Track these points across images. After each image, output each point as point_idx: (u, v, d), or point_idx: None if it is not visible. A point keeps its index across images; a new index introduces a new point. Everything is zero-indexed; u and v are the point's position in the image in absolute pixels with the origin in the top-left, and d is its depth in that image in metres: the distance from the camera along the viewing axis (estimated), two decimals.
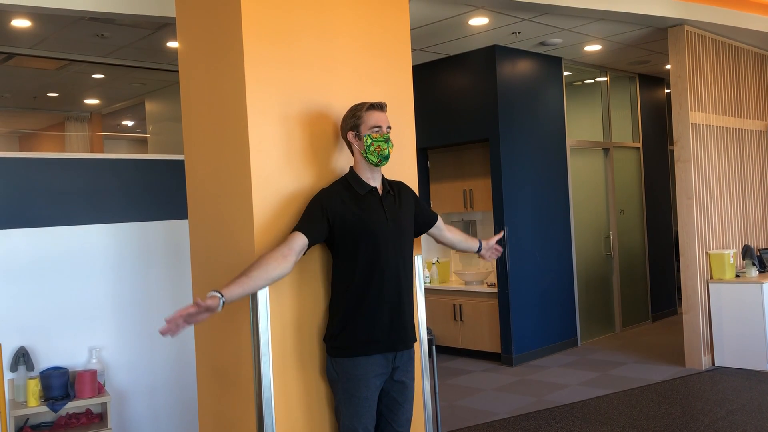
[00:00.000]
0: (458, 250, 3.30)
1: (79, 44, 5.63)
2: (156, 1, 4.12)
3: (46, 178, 4.12)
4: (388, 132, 2.67)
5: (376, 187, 2.69)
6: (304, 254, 2.56)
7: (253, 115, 2.56)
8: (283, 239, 2.56)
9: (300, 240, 2.51)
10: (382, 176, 2.75)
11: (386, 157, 2.66)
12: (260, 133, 2.57)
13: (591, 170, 7.85)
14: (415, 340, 2.76)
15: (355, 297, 2.59)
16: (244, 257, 2.58)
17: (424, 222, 2.94)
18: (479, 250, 3.22)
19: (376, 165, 2.66)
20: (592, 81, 8.08)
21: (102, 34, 5.35)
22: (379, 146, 2.63)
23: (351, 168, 2.72)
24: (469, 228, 7.38)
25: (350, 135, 2.67)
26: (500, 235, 3.33)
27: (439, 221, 3.04)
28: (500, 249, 3.29)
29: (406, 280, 2.70)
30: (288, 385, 2.60)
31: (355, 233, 2.59)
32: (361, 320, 2.58)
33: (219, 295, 2.29)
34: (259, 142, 2.57)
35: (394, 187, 2.78)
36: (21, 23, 4.96)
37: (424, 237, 3.11)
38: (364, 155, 2.64)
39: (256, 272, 2.39)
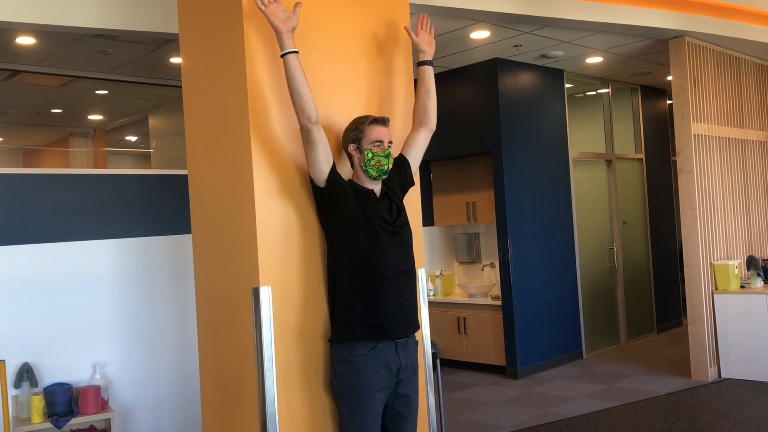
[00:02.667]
0: (431, 95, 2.89)
1: (82, 61, 5.67)
2: (159, 17, 4.15)
3: (50, 194, 4.13)
4: (389, 147, 2.68)
5: (373, 190, 2.70)
6: (313, 184, 2.61)
7: (255, 130, 2.57)
8: (287, 254, 2.58)
9: (330, 154, 2.58)
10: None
11: (385, 173, 2.67)
12: (263, 147, 2.58)
13: (594, 182, 7.84)
14: (417, 329, 2.75)
15: (354, 285, 2.59)
16: (248, 271, 2.58)
17: (409, 179, 2.87)
18: (430, 62, 2.92)
19: (375, 179, 2.68)
20: (594, 93, 8.10)
21: (105, 51, 5.38)
22: (379, 161, 2.64)
23: (350, 180, 2.73)
24: (472, 240, 7.38)
25: (351, 147, 2.68)
26: (419, 24, 2.96)
27: (410, 149, 2.86)
28: (423, 20, 2.97)
29: (407, 273, 2.70)
30: (292, 400, 2.59)
31: (357, 221, 2.60)
32: (361, 307, 2.58)
33: (296, 49, 2.48)
34: (262, 156, 2.58)
35: (388, 187, 2.78)
36: (25, 40, 5.00)
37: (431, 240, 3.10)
38: (364, 168, 2.66)
39: (309, 87, 2.50)
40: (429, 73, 2.93)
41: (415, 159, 2.90)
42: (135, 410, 4.32)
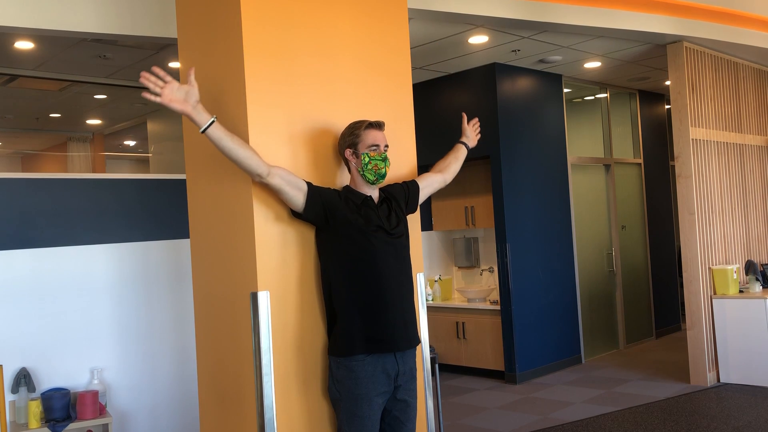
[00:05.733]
0: (459, 162, 3.26)
1: (81, 65, 5.67)
2: (158, 22, 4.16)
3: (49, 199, 4.13)
4: (385, 151, 2.69)
5: (371, 196, 2.70)
6: (294, 212, 2.58)
7: (254, 134, 2.57)
8: (285, 258, 2.58)
9: (299, 180, 2.55)
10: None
11: (383, 176, 2.67)
12: (262, 151, 2.58)
13: (592, 186, 7.85)
14: (418, 342, 2.74)
15: (353, 297, 2.58)
16: (247, 276, 2.57)
17: (413, 201, 2.91)
18: (468, 146, 3.30)
19: (372, 183, 2.68)
20: (593, 97, 8.11)
21: (104, 56, 5.39)
22: (376, 165, 2.64)
23: (346, 186, 2.73)
24: (471, 245, 7.38)
25: (348, 152, 2.69)
26: (471, 121, 3.36)
27: (423, 180, 3.02)
28: (476, 122, 3.35)
29: (406, 283, 2.69)
30: (290, 405, 2.59)
31: (351, 234, 2.59)
32: (360, 319, 2.57)
33: (212, 117, 2.37)
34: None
35: (388, 194, 2.78)
36: (24, 45, 5.00)
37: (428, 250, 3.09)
38: (361, 173, 2.66)
39: (245, 144, 2.43)
40: (463, 151, 3.28)
41: (422, 194, 2.98)
42: (133, 415, 4.30)
